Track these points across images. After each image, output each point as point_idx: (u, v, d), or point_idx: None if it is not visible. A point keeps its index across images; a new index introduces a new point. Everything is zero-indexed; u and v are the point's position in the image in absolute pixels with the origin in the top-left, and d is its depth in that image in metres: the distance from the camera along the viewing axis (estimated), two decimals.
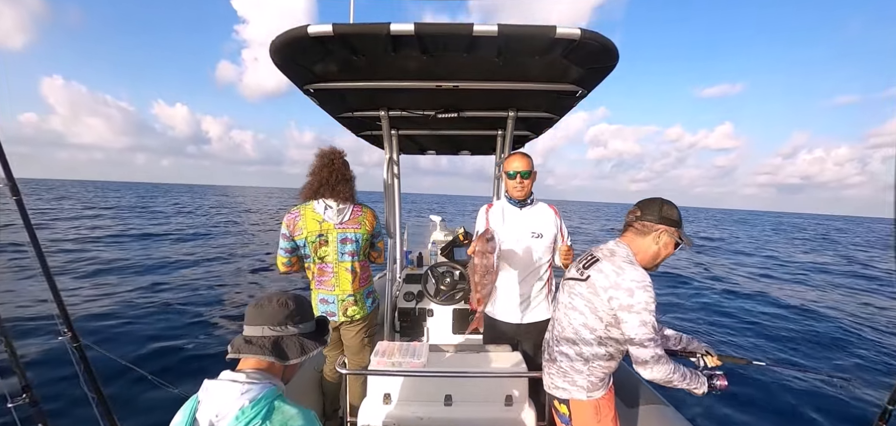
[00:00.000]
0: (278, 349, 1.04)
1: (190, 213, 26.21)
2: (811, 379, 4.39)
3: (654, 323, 1.32)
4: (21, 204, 1.39)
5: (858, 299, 9.14)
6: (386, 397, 1.71)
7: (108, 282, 7.82)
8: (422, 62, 1.77)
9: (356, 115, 2.63)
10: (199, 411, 0.93)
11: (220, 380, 0.98)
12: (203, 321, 6.00)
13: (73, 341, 1.54)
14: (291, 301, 1.10)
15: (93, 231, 14.92)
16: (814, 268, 14.06)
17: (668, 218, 1.41)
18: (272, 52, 1.64)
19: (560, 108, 2.46)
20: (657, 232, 1.42)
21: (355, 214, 2.09)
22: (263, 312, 1.07)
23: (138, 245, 12.48)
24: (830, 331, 6.53)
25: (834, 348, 5.80)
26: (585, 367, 1.45)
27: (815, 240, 28.61)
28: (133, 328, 5.54)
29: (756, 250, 19.31)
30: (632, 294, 1.31)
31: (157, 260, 10.14)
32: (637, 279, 1.32)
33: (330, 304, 2.10)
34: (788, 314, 7.46)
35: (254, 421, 0.90)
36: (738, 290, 9.40)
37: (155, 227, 17.14)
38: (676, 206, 1.44)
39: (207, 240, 14.61)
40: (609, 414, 1.49)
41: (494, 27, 1.43)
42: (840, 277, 12.44)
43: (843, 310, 7.87)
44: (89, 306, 6.27)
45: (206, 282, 8.32)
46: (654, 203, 1.46)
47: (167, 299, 6.89)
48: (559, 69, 1.80)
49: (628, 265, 1.37)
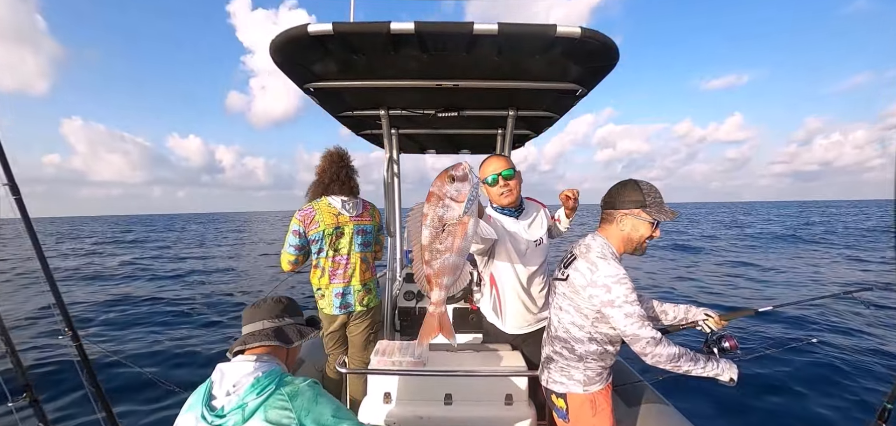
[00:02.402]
0: (280, 335, 1.14)
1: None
2: (822, 314, 4.08)
3: (641, 312, 1.31)
4: (21, 203, 1.39)
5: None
6: (386, 396, 1.71)
7: (109, 281, 7.82)
8: (422, 61, 1.77)
9: (356, 114, 2.63)
10: (213, 388, 1.00)
11: (232, 361, 1.06)
12: (204, 322, 6.00)
13: (74, 340, 1.54)
14: (284, 298, 1.22)
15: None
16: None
17: (627, 200, 1.37)
18: (272, 50, 1.63)
19: (560, 107, 2.46)
20: (618, 217, 1.40)
21: (366, 208, 2.24)
22: (261, 310, 1.17)
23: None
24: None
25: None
26: (581, 363, 1.45)
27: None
28: (133, 327, 5.54)
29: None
30: (609, 290, 1.31)
31: (168, 270, 10.16)
32: (610, 274, 1.31)
33: (347, 296, 2.15)
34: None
35: (268, 387, 0.97)
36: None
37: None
38: (640, 183, 1.39)
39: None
40: (606, 408, 1.49)
41: (495, 26, 1.43)
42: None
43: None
44: (89, 306, 6.27)
45: (209, 284, 8.33)
46: (614, 188, 1.43)
47: (168, 298, 6.90)
48: (559, 68, 1.80)
49: (601, 261, 1.35)
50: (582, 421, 1.48)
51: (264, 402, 0.94)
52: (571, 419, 1.50)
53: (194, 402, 1.00)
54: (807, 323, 6.43)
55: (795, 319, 6.52)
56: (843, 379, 4.62)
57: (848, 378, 4.66)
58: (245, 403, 0.94)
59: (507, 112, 2.51)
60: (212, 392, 0.99)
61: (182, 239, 23.90)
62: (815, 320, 6.75)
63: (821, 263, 11.49)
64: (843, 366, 5.08)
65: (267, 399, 0.95)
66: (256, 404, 0.94)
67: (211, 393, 0.99)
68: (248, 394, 0.95)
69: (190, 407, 1.00)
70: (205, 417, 0.94)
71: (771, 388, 4.35)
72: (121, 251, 15.78)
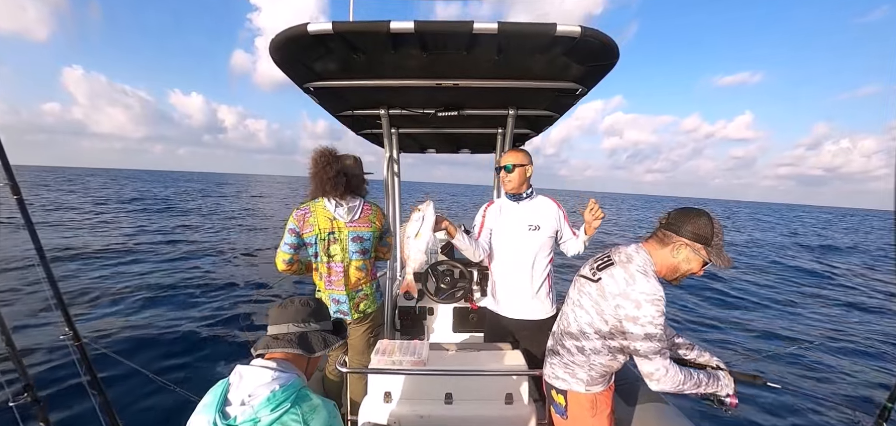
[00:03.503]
0: (304, 342, 1.12)
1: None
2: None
3: (661, 336, 1.27)
4: (21, 203, 1.39)
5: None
6: (387, 396, 1.71)
7: (111, 283, 7.83)
8: (422, 60, 1.77)
9: (356, 113, 2.63)
10: (230, 392, 0.98)
11: (252, 365, 1.04)
12: (205, 323, 6.00)
13: (75, 339, 1.54)
14: (312, 301, 1.20)
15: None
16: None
17: (693, 232, 1.29)
18: (272, 50, 1.63)
19: (560, 106, 2.46)
20: (677, 244, 1.32)
21: (366, 212, 2.06)
22: (287, 312, 1.15)
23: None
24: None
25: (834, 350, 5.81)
26: (586, 363, 1.44)
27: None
28: (134, 328, 5.54)
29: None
30: (639, 306, 1.26)
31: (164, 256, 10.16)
32: (647, 292, 1.26)
33: (341, 304, 2.07)
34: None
35: (284, 404, 0.95)
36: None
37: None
38: (714, 221, 1.30)
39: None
40: (605, 410, 1.49)
41: (494, 25, 1.43)
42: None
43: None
44: (91, 305, 6.28)
45: (211, 281, 8.33)
46: (687, 213, 1.33)
47: (170, 296, 6.91)
48: (559, 67, 1.80)
49: (641, 275, 1.29)
50: (580, 420, 1.48)
51: (278, 420, 0.93)
52: (570, 417, 1.49)
53: (209, 404, 0.97)
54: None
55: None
56: (844, 378, 4.63)
57: (848, 377, 4.67)
58: (258, 418, 0.92)
59: (507, 111, 2.51)
60: (227, 396, 0.98)
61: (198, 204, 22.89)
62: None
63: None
64: (843, 365, 5.09)
65: (281, 417, 0.93)
66: (269, 421, 0.92)
67: (227, 397, 0.97)
68: (263, 409, 0.94)
69: (205, 408, 0.98)
70: (216, 425, 0.92)
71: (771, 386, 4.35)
72: (129, 225, 15.65)
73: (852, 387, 4.58)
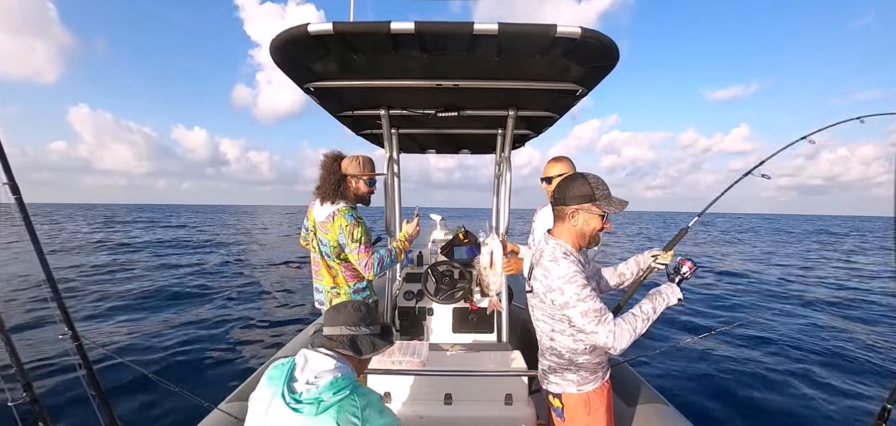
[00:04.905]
0: (354, 345, 1.22)
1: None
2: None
3: (594, 306, 1.31)
4: (21, 202, 1.39)
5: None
6: (386, 396, 1.71)
7: (111, 282, 7.83)
8: (422, 61, 1.77)
9: (356, 113, 2.63)
10: (296, 371, 1.08)
11: (317, 351, 1.15)
12: (206, 323, 6.00)
13: (74, 340, 1.54)
14: (363, 306, 1.30)
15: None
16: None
17: (577, 196, 1.38)
18: (272, 50, 1.63)
19: (560, 107, 2.46)
20: (571, 213, 1.40)
21: (331, 221, 2.04)
22: (341, 315, 1.26)
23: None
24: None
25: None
26: (572, 366, 1.47)
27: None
28: (134, 327, 5.54)
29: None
30: (562, 292, 1.32)
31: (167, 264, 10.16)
32: (560, 276, 1.32)
33: (319, 294, 2.23)
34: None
35: (344, 389, 1.04)
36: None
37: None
38: (588, 177, 1.40)
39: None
40: (600, 407, 1.50)
41: (495, 25, 1.43)
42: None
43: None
44: (90, 305, 6.27)
45: (212, 287, 8.33)
46: (565, 183, 1.43)
47: (171, 295, 6.90)
48: (559, 68, 1.80)
49: (552, 264, 1.36)
50: (577, 420, 1.50)
51: (339, 403, 1.00)
52: (567, 418, 1.51)
53: (276, 377, 1.06)
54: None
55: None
56: (844, 378, 4.63)
57: (849, 377, 4.67)
58: (321, 399, 1.00)
59: (507, 112, 2.51)
60: (294, 373, 1.07)
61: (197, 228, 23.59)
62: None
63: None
64: (841, 367, 5.08)
65: (341, 401, 1.01)
66: (331, 402, 1.00)
67: (293, 374, 1.06)
68: (326, 391, 1.02)
69: (271, 380, 1.07)
70: (284, 397, 1.01)
71: (772, 386, 4.35)
72: (130, 242, 15.72)
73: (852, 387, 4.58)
